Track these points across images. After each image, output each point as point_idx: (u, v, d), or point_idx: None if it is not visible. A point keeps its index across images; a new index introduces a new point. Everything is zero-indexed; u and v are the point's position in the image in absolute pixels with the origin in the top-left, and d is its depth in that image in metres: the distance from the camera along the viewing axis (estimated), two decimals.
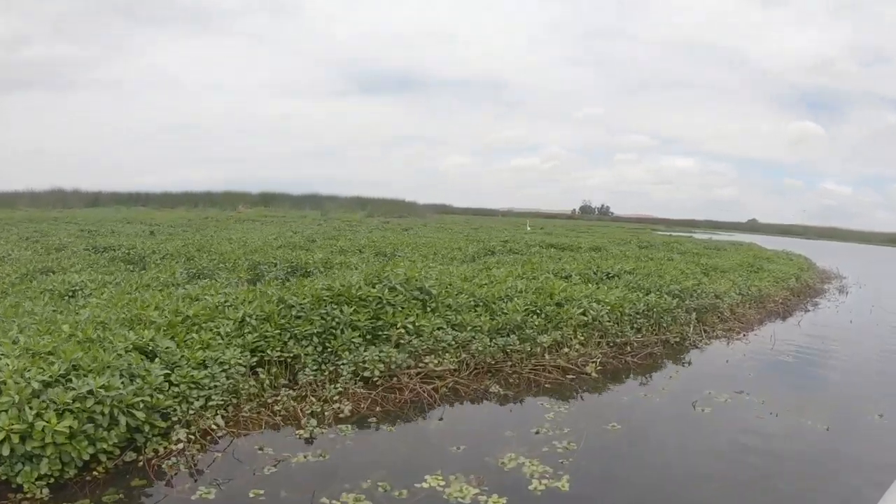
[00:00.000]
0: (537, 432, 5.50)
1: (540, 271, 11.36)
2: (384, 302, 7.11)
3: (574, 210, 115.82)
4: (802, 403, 6.61)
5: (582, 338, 8.05)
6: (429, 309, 7.53)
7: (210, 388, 5.19)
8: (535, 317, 8.07)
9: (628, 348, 8.39)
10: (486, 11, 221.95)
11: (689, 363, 8.47)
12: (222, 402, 5.23)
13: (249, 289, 8.02)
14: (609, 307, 8.67)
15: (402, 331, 6.73)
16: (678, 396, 6.75)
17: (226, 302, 6.97)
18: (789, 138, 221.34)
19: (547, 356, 7.57)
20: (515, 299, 8.50)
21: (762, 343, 9.88)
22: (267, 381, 5.79)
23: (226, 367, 5.49)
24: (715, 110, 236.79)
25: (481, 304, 8.36)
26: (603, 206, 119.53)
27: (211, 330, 6.13)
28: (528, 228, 36.59)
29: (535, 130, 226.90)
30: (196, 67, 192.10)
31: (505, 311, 8.00)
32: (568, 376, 7.26)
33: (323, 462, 4.70)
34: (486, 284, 9.41)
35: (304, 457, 4.73)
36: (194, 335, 5.92)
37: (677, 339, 9.22)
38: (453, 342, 7.03)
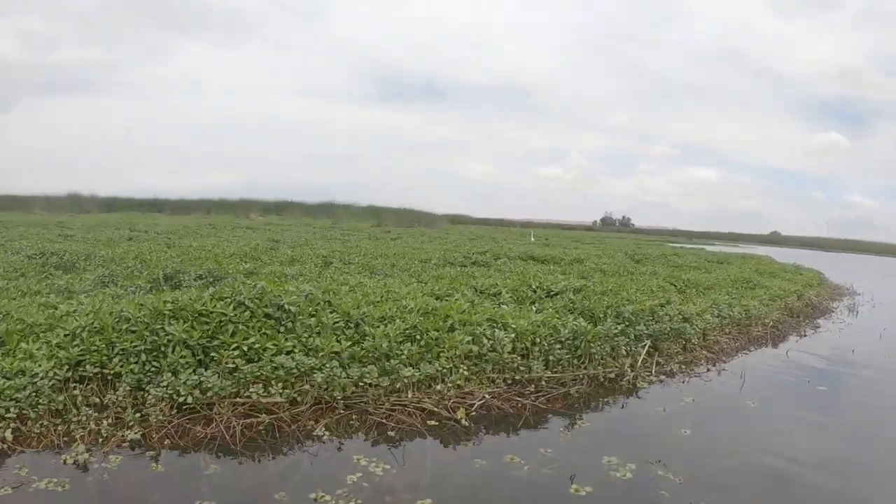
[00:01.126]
0: (316, 500, 3.87)
1: (463, 286, 9.39)
2: (227, 319, 5.99)
3: (595, 221, 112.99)
4: (740, 491, 4.50)
5: (467, 372, 6.10)
6: (283, 329, 6.21)
7: (11, 400, 4.82)
8: (410, 343, 6.17)
9: (533, 387, 6.36)
10: (512, 19, 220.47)
11: (611, 410, 6.37)
12: (15, 416, 4.76)
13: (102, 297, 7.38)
14: (514, 334, 6.66)
15: (235, 353, 5.63)
16: (560, 465, 4.67)
17: (75, 311, 6.33)
18: (814, 149, 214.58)
19: (412, 393, 5.70)
20: (397, 321, 6.59)
21: (727, 381, 7.71)
22: (80, 398, 5.13)
23: (36, 378, 5.02)
24: (739, 120, 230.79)
25: (354, 324, 6.50)
26: (624, 217, 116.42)
27: (42, 340, 5.65)
28: (533, 239, 34.62)
29: (559, 139, 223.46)
30: (221, 73, 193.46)
31: (377, 335, 6.15)
32: (430, 422, 5.37)
33: (57, 492, 4.00)
34: (378, 302, 7.51)
35: (48, 483, 4.08)
36: (24, 345, 5.49)
37: (612, 376, 7.14)
38: (295, 370, 5.56)
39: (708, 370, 8.16)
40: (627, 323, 8.22)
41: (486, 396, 5.91)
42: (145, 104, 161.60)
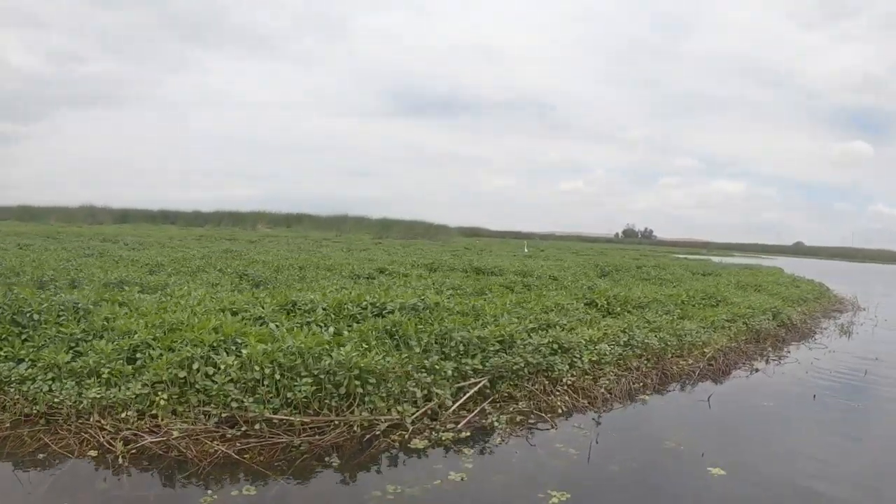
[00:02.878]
0: None
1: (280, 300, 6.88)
2: None
3: (617, 234, 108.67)
4: None
5: (166, 402, 4.61)
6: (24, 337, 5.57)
7: None
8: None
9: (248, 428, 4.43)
10: (531, 32, 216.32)
11: (322, 479, 3.82)
12: None
13: None
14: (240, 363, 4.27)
15: None
16: None
17: None
18: (838, 159, 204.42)
19: (96, 417, 4.56)
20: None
21: (570, 442, 4.91)
22: None
23: None
24: (761, 132, 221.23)
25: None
26: (646, 229, 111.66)
27: None
28: (527, 250, 31.79)
29: (580, 152, 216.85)
30: (242, 87, 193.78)
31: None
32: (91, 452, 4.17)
33: None
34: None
35: None
36: None
37: (383, 426, 4.48)
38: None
39: (552, 427, 5.34)
40: (446, 354, 5.52)
41: (175, 433, 4.36)
42: (167, 117, 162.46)
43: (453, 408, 5.21)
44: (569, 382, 6.23)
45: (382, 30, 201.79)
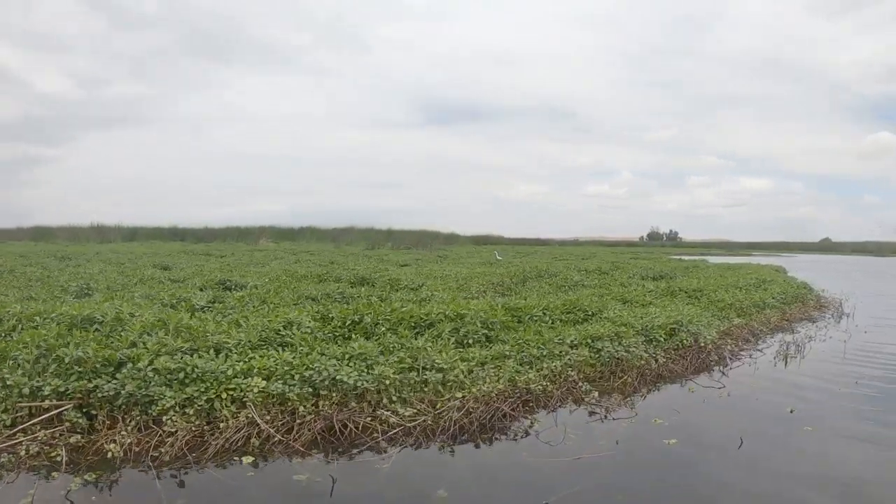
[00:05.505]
0: None
1: None
2: None
3: (641, 237, 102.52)
4: None
5: None
6: None
7: None
8: None
9: None
10: (549, 37, 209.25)
11: None
12: None
13: None
14: None
15: None
16: None
17: None
18: (865, 152, 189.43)
19: None
20: None
21: None
22: None
23: None
24: (786, 127, 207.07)
25: None
26: (671, 231, 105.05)
27: None
28: (499, 258, 28.01)
29: (605, 156, 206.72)
30: (265, 103, 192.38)
31: None
32: None
33: None
34: None
35: None
36: None
37: None
38: None
39: None
40: None
41: None
42: (189, 135, 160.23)
43: None
44: None
45: (401, 40, 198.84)
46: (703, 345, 7.58)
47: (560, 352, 6.46)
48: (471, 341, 6.82)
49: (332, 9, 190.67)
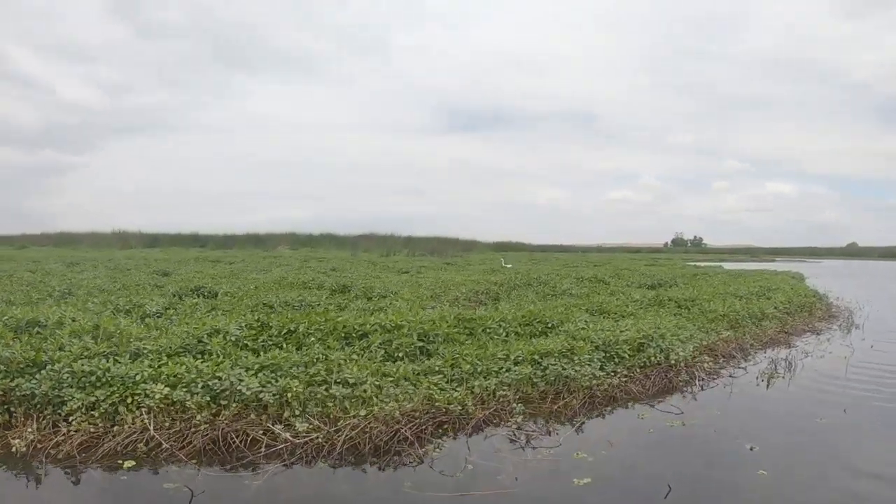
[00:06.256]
0: None
1: None
2: None
3: (666, 243, 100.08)
4: None
5: None
6: None
7: None
8: None
9: None
10: (570, 42, 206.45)
11: None
12: None
13: None
14: None
15: None
16: None
17: None
18: (891, 153, 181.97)
19: None
20: None
21: None
22: None
23: None
24: (810, 130, 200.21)
25: None
26: (696, 237, 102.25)
27: None
28: (509, 266, 26.96)
29: (628, 161, 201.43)
30: (287, 110, 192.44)
31: None
32: None
33: None
34: None
35: None
36: None
37: None
38: None
39: None
40: None
41: None
42: (213, 142, 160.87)
43: None
44: None
45: (423, 46, 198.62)
46: (673, 363, 6.66)
47: (499, 368, 5.74)
48: (401, 354, 6.18)
49: (354, 16, 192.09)
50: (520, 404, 5.26)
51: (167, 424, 4.40)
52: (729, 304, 10.71)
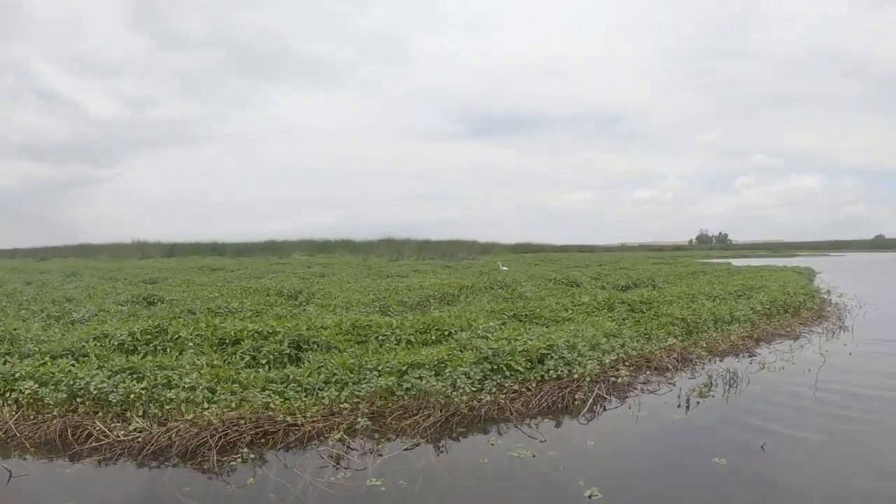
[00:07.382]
0: None
1: None
2: None
3: (690, 240, 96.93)
4: None
5: None
6: None
7: None
8: None
9: None
10: (589, 44, 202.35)
11: None
12: None
13: None
14: None
15: None
16: None
17: None
18: None
19: None
20: None
21: None
22: None
23: None
24: (836, 123, 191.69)
25: None
26: (720, 234, 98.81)
27: None
28: (505, 268, 25.76)
29: (652, 161, 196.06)
30: (310, 118, 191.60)
31: None
32: None
33: None
34: None
35: None
36: None
37: None
38: None
39: None
40: None
41: None
42: (237, 152, 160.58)
43: None
44: None
45: (444, 52, 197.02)
46: (576, 377, 5.59)
47: (360, 379, 4.95)
48: (265, 361, 5.87)
49: (374, 24, 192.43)
50: (364, 419, 4.44)
51: (31, 416, 4.82)
52: (695, 306, 9.51)
